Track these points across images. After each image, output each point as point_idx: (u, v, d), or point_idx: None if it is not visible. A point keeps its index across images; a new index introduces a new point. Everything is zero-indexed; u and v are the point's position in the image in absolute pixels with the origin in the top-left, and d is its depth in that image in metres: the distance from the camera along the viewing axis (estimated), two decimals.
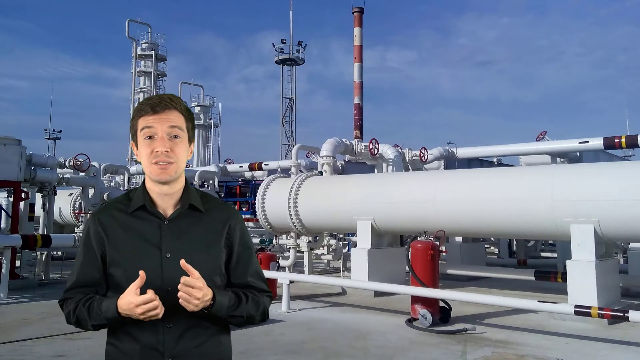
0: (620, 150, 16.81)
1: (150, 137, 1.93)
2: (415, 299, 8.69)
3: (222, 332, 2.02)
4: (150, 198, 2.00)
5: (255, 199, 14.33)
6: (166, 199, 2.00)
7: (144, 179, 2.05)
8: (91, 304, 1.89)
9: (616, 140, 14.57)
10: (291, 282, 9.96)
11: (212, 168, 22.82)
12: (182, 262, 1.81)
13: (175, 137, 1.94)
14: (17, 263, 13.56)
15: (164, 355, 1.88)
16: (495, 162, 20.38)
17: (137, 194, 2.02)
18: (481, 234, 13.66)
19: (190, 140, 2.03)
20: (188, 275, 1.82)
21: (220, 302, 1.88)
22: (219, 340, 2.00)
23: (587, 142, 14.95)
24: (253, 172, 22.62)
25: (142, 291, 1.79)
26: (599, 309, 7.23)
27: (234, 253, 2.06)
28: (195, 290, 1.80)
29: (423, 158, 16.74)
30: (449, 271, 12.61)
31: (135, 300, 1.77)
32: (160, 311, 1.80)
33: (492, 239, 19.10)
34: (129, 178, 21.13)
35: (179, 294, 1.80)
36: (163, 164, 1.92)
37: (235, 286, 2.04)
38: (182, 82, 44.16)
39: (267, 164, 21.82)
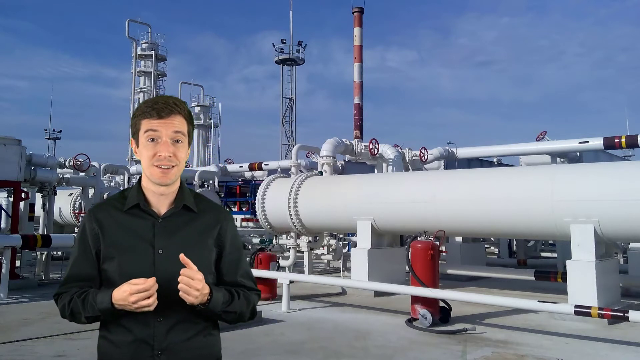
0: (620, 150, 16.81)
1: (153, 140, 1.99)
2: (415, 299, 8.69)
3: (211, 327, 2.07)
4: (144, 197, 2.06)
5: (255, 199, 14.33)
6: (162, 199, 2.06)
7: (140, 178, 2.11)
8: (86, 297, 1.94)
9: (616, 140, 14.56)
10: (291, 282, 9.95)
11: (212, 168, 22.82)
12: (182, 255, 1.86)
13: (178, 141, 2.01)
14: (17, 263, 13.57)
15: (154, 348, 1.93)
16: (495, 162, 20.40)
17: (131, 193, 2.08)
18: (481, 234, 13.67)
19: (190, 142, 2.10)
20: (183, 270, 1.87)
21: (217, 297, 1.94)
22: (208, 335, 2.05)
23: (587, 142, 14.96)
24: (253, 172, 22.61)
25: None
26: (599, 309, 7.23)
27: (224, 253, 2.11)
28: (195, 282, 1.84)
29: (423, 158, 16.75)
30: (449, 271, 12.61)
31: (129, 289, 1.82)
32: (152, 302, 1.84)
33: (492, 239, 19.10)
34: (129, 178, 21.09)
35: (180, 285, 1.84)
36: (165, 168, 1.98)
37: (226, 284, 2.09)
38: (182, 82, 44.18)
39: (267, 164, 21.82)
